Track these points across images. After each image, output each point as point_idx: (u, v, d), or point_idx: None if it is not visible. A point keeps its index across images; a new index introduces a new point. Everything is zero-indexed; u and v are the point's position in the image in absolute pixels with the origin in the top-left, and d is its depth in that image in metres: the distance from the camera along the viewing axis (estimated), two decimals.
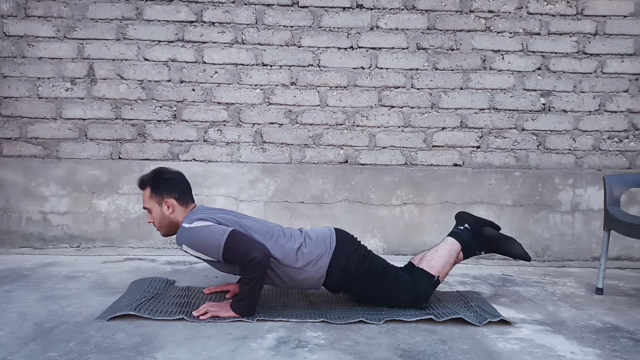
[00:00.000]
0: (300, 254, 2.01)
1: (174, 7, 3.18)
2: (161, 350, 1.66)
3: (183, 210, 2.10)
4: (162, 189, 2.10)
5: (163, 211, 2.09)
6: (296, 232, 2.11)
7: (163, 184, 2.11)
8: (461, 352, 1.71)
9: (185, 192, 2.14)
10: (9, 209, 3.19)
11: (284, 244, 2.02)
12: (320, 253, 2.03)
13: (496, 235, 2.26)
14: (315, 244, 2.05)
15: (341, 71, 3.24)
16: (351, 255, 2.05)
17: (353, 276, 2.05)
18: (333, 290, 2.14)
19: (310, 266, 2.01)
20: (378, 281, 2.07)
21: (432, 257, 2.16)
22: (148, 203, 2.11)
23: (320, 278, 2.04)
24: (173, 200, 2.09)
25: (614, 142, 3.31)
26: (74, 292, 2.26)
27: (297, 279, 2.04)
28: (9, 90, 3.19)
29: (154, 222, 2.12)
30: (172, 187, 2.11)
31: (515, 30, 3.25)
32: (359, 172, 3.26)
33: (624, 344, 1.83)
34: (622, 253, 3.25)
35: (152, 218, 2.12)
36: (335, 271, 2.03)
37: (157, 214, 2.10)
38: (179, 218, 2.08)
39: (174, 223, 2.09)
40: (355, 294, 2.17)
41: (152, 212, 2.11)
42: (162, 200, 2.09)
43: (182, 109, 3.23)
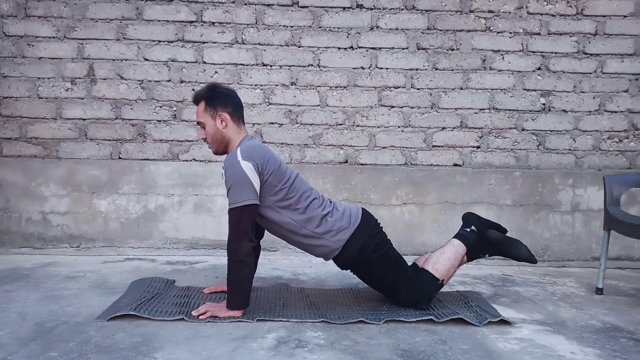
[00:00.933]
0: (325, 221, 2.03)
1: (174, 7, 3.18)
2: (161, 350, 1.66)
3: (236, 128, 2.08)
4: (216, 102, 2.07)
5: (217, 125, 2.06)
6: (327, 201, 2.13)
7: (217, 98, 2.08)
8: (461, 352, 1.71)
9: (238, 109, 2.11)
10: (9, 209, 3.19)
11: (315, 206, 2.04)
12: (343, 226, 2.05)
13: (502, 238, 2.26)
14: (340, 216, 2.07)
15: (341, 71, 3.24)
16: (372, 237, 2.07)
17: (368, 257, 2.06)
18: (342, 266, 2.14)
19: (330, 235, 2.03)
20: (390, 270, 2.08)
21: (438, 260, 2.16)
22: (202, 117, 2.08)
23: (334, 250, 2.06)
24: (227, 114, 2.06)
25: (614, 142, 3.31)
26: (74, 292, 2.26)
27: (312, 244, 2.06)
28: (9, 90, 3.19)
29: (206, 138, 2.10)
30: (227, 102, 2.08)
31: (515, 30, 3.25)
32: (359, 172, 3.26)
33: (624, 344, 1.83)
34: (622, 253, 3.25)
35: (204, 133, 2.09)
36: (352, 247, 2.04)
37: (210, 127, 2.07)
38: (231, 135, 2.07)
39: (225, 139, 2.07)
40: (363, 275, 2.17)
41: (205, 127, 2.08)
42: (216, 114, 2.06)
43: (182, 109, 3.23)
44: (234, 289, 1.97)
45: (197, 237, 3.22)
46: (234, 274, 1.95)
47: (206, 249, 3.19)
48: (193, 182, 3.23)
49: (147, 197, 3.20)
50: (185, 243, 3.22)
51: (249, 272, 1.98)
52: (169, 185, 3.22)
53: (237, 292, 1.97)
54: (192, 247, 3.21)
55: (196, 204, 3.22)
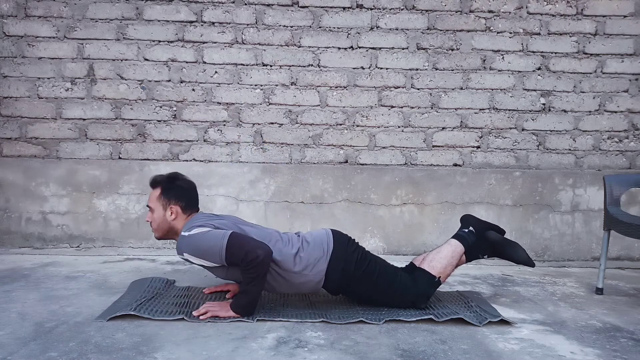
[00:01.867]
0: (299, 258, 2.01)
1: (174, 7, 3.18)
2: (161, 350, 1.66)
3: (184, 219, 2.10)
4: (172, 194, 2.10)
5: (166, 215, 2.09)
6: (293, 237, 2.10)
7: (174, 190, 2.11)
8: (461, 352, 1.71)
9: (192, 204, 2.14)
10: (9, 209, 3.19)
11: (282, 248, 2.01)
12: (318, 256, 2.02)
13: (500, 240, 2.26)
14: (312, 247, 2.04)
15: (341, 71, 3.24)
16: (349, 257, 2.05)
17: (352, 278, 2.04)
18: (333, 292, 2.14)
19: (309, 270, 2.01)
20: (377, 282, 2.07)
21: (433, 258, 2.16)
22: (153, 203, 2.11)
23: (319, 281, 2.04)
24: (179, 208, 2.10)
25: (614, 142, 3.31)
26: (74, 292, 2.26)
27: (296, 283, 2.03)
28: (9, 90, 3.19)
29: (152, 222, 2.12)
30: (182, 196, 2.12)
31: (515, 30, 3.25)
32: (359, 172, 3.26)
33: (624, 344, 1.83)
34: (622, 253, 3.25)
35: (151, 218, 2.12)
36: (334, 274, 2.03)
37: (158, 216, 2.10)
38: (178, 226, 2.09)
39: (172, 229, 2.10)
40: (354, 296, 2.17)
41: (153, 213, 2.11)
42: (167, 205, 2.09)
43: (182, 109, 3.23)
44: (249, 298, 1.95)
45: None
46: (253, 286, 1.93)
47: None
48: None
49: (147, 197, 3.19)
50: None
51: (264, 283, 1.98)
52: None
53: (251, 301, 1.95)
54: None
55: None
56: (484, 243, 2.25)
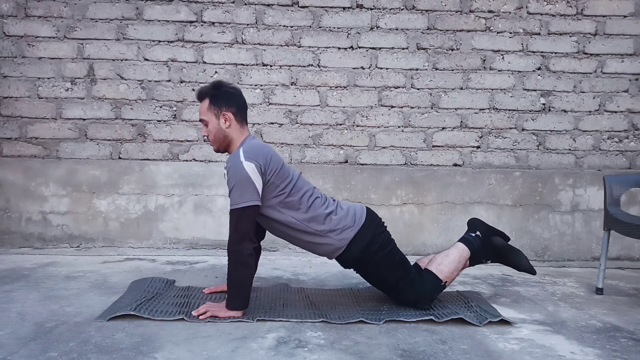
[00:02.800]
0: (329, 219, 2.03)
1: (174, 7, 3.18)
2: (161, 350, 1.66)
3: (239, 128, 2.07)
4: (221, 101, 2.06)
5: (220, 124, 2.05)
6: (331, 200, 2.13)
7: (223, 96, 2.07)
8: (461, 352, 1.71)
9: (242, 109, 2.10)
10: (9, 209, 3.19)
11: (317, 205, 2.04)
12: (348, 225, 2.04)
13: (505, 247, 2.27)
14: (345, 214, 2.07)
15: (341, 71, 3.24)
16: (376, 236, 2.07)
17: (372, 256, 2.06)
18: (346, 264, 2.14)
19: (334, 234, 2.03)
20: (393, 269, 2.08)
21: (442, 262, 2.16)
22: (205, 114, 2.07)
23: (339, 248, 2.05)
24: (231, 114, 2.05)
25: (614, 142, 3.31)
26: (74, 292, 2.26)
27: (315, 242, 2.05)
28: (9, 90, 3.19)
29: (208, 135, 2.09)
30: (231, 101, 2.07)
31: (515, 30, 3.25)
32: (359, 172, 3.26)
33: (624, 344, 1.83)
34: (622, 253, 3.25)
35: (207, 131, 2.08)
36: (357, 246, 2.04)
37: (213, 126, 2.06)
38: (233, 135, 2.06)
39: (228, 138, 2.07)
40: (367, 274, 2.16)
41: (208, 125, 2.07)
42: (220, 113, 2.05)
43: (182, 109, 3.23)
44: (235, 290, 1.97)
45: (197, 237, 3.22)
46: (234, 275, 1.95)
47: (206, 249, 3.19)
48: (193, 182, 3.23)
49: (147, 197, 3.20)
50: (185, 243, 3.22)
51: (250, 273, 1.98)
52: (169, 185, 3.21)
53: (237, 292, 1.97)
54: (192, 247, 3.21)
55: (196, 204, 3.22)
56: (488, 248, 2.26)
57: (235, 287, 1.96)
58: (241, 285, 1.96)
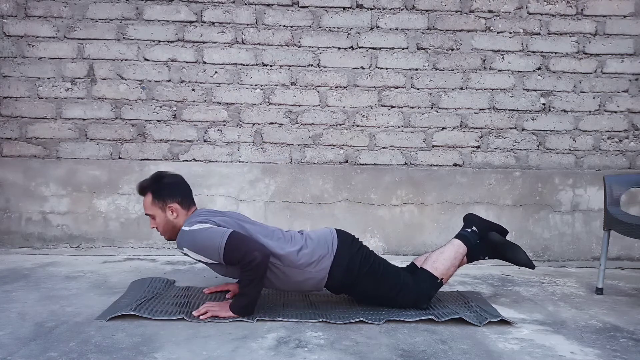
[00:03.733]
0: (302, 254, 2.00)
1: (174, 7, 3.18)
2: (161, 350, 1.66)
3: (186, 213, 2.09)
4: (164, 195, 2.07)
5: (167, 216, 2.07)
6: (296, 235, 2.10)
7: (165, 189, 2.08)
8: (461, 352, 1.71)
9: (187, 196, 2.13)
10: (9, 209, 3.19)
11: (285, 245, 2.01)
12: (322, 254, 2.02)
13: (502, 242, 2.25)
14: (317, 244, 2.04)
15: (341, 71, 3.24)
16: (354, 256, 2.05)
17: (356, 277, 2.04)
18: (335, 291, 2.14)
19: (312, 267, 2.00)
20: (380, 282, 2.07)
21: (437, 259, 2.15)
22: (150, 209, 2.08)
23: (322, 279, 2.04)
24: (176, 204, 2.07)
25: (614, 142, 3.31)
26: (74, 292, 2.26)
27: (298, 280, 2.02)
28: (9, 90, 3.19)
29: (157, 228, 2.10)
30: (174, 192, 2.09)
31: (515, 30, 3.25)
32: (359, 172, 3.26)
33: (624, 344, 1.83)
34: (622, 253, 3.25)
35: (155, 224, 2.09)
36: (338, 272, 2.02)
37: (160, 219, 2.07)
38: (181, 223, 2.05)
39: (178, 227, 2.06)
40: (357, 295, 2.17)
41: (155, 218, 2.08)
42: (165, 206, 2.07)
43: (182, 109, 3.23)
44: (248, 300, 1.95)
45: None
46: (252, 288, 1.93)
47: None
48: (193, 182, 3.17)
49: None
50: None
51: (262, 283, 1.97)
52: None
53: (250, 302, 1.95)
54: None
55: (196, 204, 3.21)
56: (486, 244, 2.25)
57: (250, 297, 1.94)
58: (255, 297, 1.96)
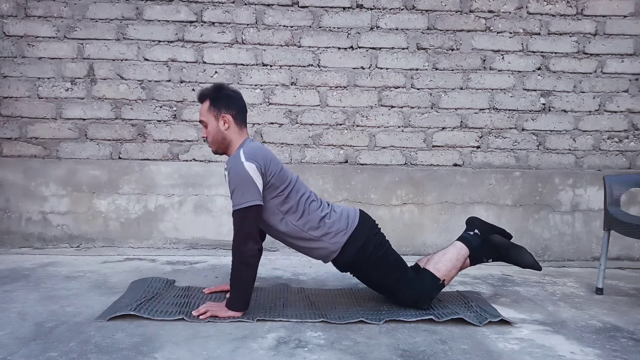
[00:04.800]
0: (323, 223, 2.04)
1: (174, 7, 3.18)
2: (161, 350, 1.66)
3: (238, 130, 2.08)
4: (221, 103, 2.07)
5: (219, 126, 2.06)
6: (325, 203, 2.13)
7: (223, 99, 2.08)
8: (461, 352, 1.71)
9: (242, 112, 2.11)
10: (9, 209, 3.19)
11: (313, 208, 2.05)
12: (341, 228, 2.05)
13: (504, 243, 2.25)
14: (338, 218, 2.07)
15: (341, 71, 3.24)
16: (370, 238, 2.07)
17: (366, 259, 2.06)
18: (341, 268, 2.15)
19: (328, 237, 2.03)
20: (389, 271, 2.08)
21: (439, 260, 2.16)
22: (205, 116, 2.08)
23: (333, 252, 2.06)
24: (230, 116, 2.06)
25: (614, 142, 3.31)
26: (74, 292, 2.26)
27: (310, 247, 2.06)
28: (9, 90, 3.19)
29: (207, 137, 2.09)
30: (231, 104, 2.08)
31: (515, 30, 3.25)
32: (359, 172, 3.26)
33: (624, 344, 1.83)
34: (622, 253, 3.25)
35: (206, 132, 2.09)
36: (351, 249, 2.04)
37: (212, 127, 2.07)
38: (232, 137, 2.07)
39: (227, 140, 2.07)
40: (362, 277, 2.17)
41: (207, 126, 2.08)
42: (219, 115, 2.06)
43: (182, 109, 3.23)
44: (237, 291, 1.96)
45: (197, 237, 3.22)
46: (238, 276, 1.95)
47: (206, 249, 3.19)
48: (193, 182, 3.23)
49: (147, 197, 3.20)
50: (185, 243, 3.22)
51: (253, 274, 1.98)
52: (169, 185, 3.21)
53: (240, 293, 1.96)
54: (192, 247, 3.21)
55: (196, 204, 3.22)
56: (489, 246, 2.25)
57: (238, 288, 1.96)
58: (244, 286, 1.96)
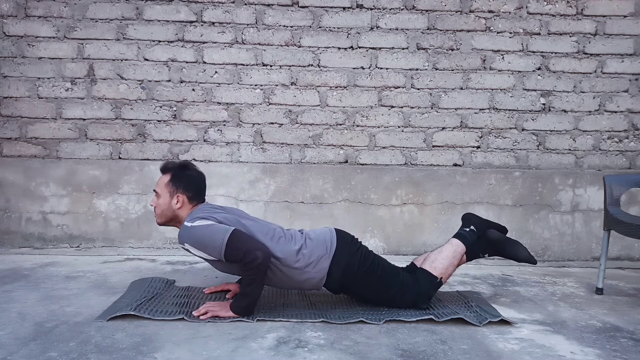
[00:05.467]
0: (301, 255, 2.01)
1: (174, 7, 3.18)
2: (161, 350, 1.66)
3: (189, 209, 2.11)
4: (181, 183, 2.10)
5: (171, 203, 2.09)
6: (297, 233, 2.10)
7: (184, 179, 2.11)
8: (461, 352, 1.71)
9: (198, 195, 2.14)
10: (9, 209, 3.19)
11: (285, 245, 2.02)
12: (321, 254, 2.02)
13: (501, 239, 2.25)
14: (315, 244, 2.04)
15: (341, 71, 3.24)
16: (352, 255, 2.05)
17: (354, 277, 2.04)
18: (334, 291, 2.14)
19: (311, 267, 2.01)
20: (379, 282, 2.07)
21: (435, 259, 2.15)
22: (161, 188, 2.11)
23: (321, 279, 2.04)
24: (185, 197, 2.10)
25: (614, 142, 3.31)
26: (74, 292, 2.26)
27: (298, 280, 2.04)
28: (9, 90, 3.19)
29: (156, 208, 2.12)
30: (191, 186, 2.12)
31: (515, 30, 3.25)
32: (359, 172, 3.26)
33: (624, 344, 1.83)
34: (622, 253, 3.25)
35: (156, 203, 2.11)
36: (336, 272, 2.03)
37: (164, 202, 2.09)
38: (182, 214, 2.09)
39: (175, 217, 2.10)
40: (356, 295, 2.17)
41: (159, 198, 2.10)
42: (175, 193, 2.09)
43: (182, 109, 3.23)
44: (249, 300, 1.95)
45: None
46: (253, 288, 1.94)
47: None
48: None
49: (147, 197, 3.20)
50: None
51: (263, 283, 1.98)
52: None
53: (251, 302, 1.95)
54: None
55: None
56: (485, 242, 2.25)
57: (248, 297, 1.95)
58: (253, 295, 1.96)
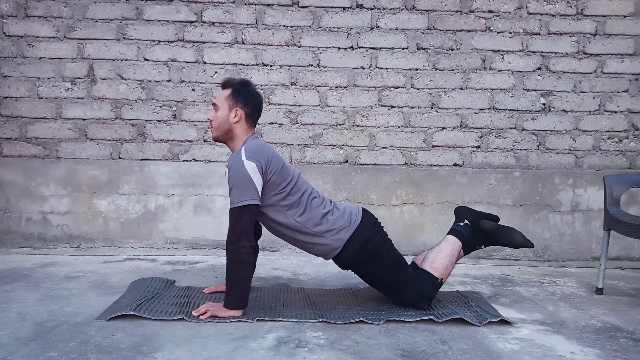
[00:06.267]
0: (325, 219, 2.04)
1: (174, 7, 3.18)
2: (161, 350, 1.66)
3: (245, 127, 2.08)
4: (241, 97, 2.08)
5: (229, 116, 2.06)
6: (327, 201, 2.13)
7: (245, 94, 2.09)
8: (461, 352, 1.71)
9: (255, 114, 2.12)
10: (9, 209, 3.19)
11: (315, 205, 2.05)
12: (344, 225, 2.05)
13: (495, 228, 2.27)
14: (341, 215, 2.07)
15: (341, 71, 3.24)
16: (373, 236, 2.07)
17: (369, 257, 2.06)
18: (343, 265, 2.15)
19: (330, 234, 2.04)
20: (391, 269, 2.09)
21: (435, 259, 2.16)
22: (221, 101, 2.08)
23: (335, 249, 2.06)
24: (244, 112, 2.07)
25: (614, 142, 3.31)
26: (74, 292, 2.26)
27: (312, 242, 2.06)
28: (9, 90, 3.19)
29: (213, 121, 2.09)
30: (250, 102, 2.09)
31: (515, 30, 3.25)
32: (359, 172, 3.26)
33: (624, 344, 1.83)
34: (622, 253, 3.25)
35: (214, 116, 2.09)
36: (353, 247, 2.05)
37: (222, 115, 2.07)
38: (238, 131, 2.07)
39: (231, 133, 2.07)
40: (364, 275, 2.17)
41: (217, 112, 2.08)
42: (234, 107, 2.06)
43: (182, 109, 3.23)
44: (233, 289, 1.97)
45: (197, 237, 3.22)
46: (232, 274, 1.95)
47: (206, 249, 3.19)
48: (193, 182, 3.23)
49: (147, 197, 3.20)
50: (185, 243, 3.22)
51: (248, 271, 1.98)
52: (169, 185, 3.21)
53: (235, 291, 1.97)
54: (192, 247, 3.21)
55: (196, 204, 3.22)
56: (479, 234, 2.26)
57: (234, 286, 1.97)
58: (239, 284, 1.96)
